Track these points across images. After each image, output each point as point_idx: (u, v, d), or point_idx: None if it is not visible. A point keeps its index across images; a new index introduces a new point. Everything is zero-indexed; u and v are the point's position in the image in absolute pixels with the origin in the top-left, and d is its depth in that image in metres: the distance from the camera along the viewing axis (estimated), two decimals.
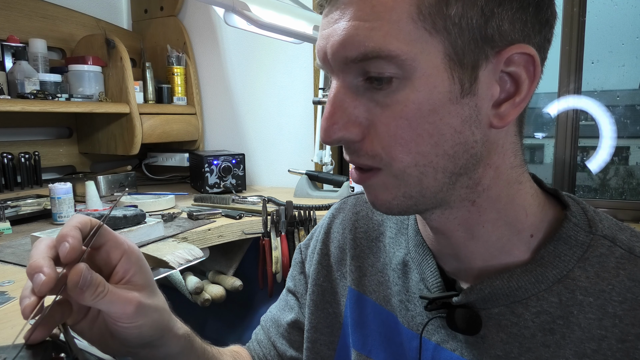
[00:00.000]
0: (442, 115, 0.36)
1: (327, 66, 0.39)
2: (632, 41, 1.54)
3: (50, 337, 0.40)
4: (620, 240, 0.40)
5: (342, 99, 0.38)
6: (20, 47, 1.46)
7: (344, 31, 0.36)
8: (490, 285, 0.41)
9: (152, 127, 1.72)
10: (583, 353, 0.38)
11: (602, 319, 0.38)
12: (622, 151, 1.70)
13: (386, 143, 0.37)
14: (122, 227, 1.01)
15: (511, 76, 0.38)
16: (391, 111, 0.36)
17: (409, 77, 0.35)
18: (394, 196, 0.39)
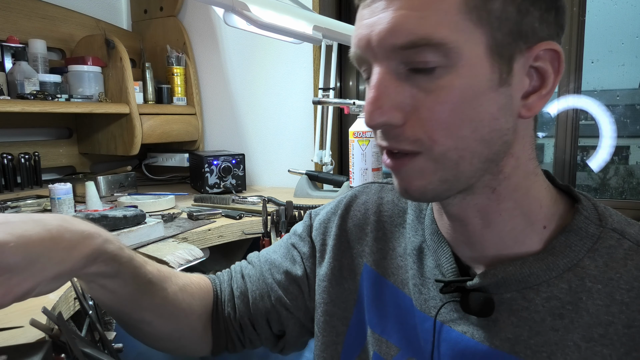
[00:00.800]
0: (482, 101, 0.39)
1: (370, 53, 0.40)
2: (632, 40, 1.53)
3: (50, 337, 0.40)
4: (628, 233, 0.42)
5: (386, 84, 0.39)
6: (20, 47, 1.46)
7: (394, 19, 0.37)
8: (504, 270, 0.43)
9: (152, 128, 1.72)
10: (590, 337, 0.39)
11: (610, 305, 0.40)
12: (622, 150, 1.70)
13: (429, 127, 0.39)
14: (122, 227, 1.01)
15: (538, 70, 0.41)
16: (435, 96, 0.38)
17: (454, 65, 0.38)
18: (429, 181, 0.41)
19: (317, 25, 1.19)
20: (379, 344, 0.54)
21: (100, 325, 0.74)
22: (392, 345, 0.52)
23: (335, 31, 1.25)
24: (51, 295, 0.74)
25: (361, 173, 1.30)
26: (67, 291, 0.77)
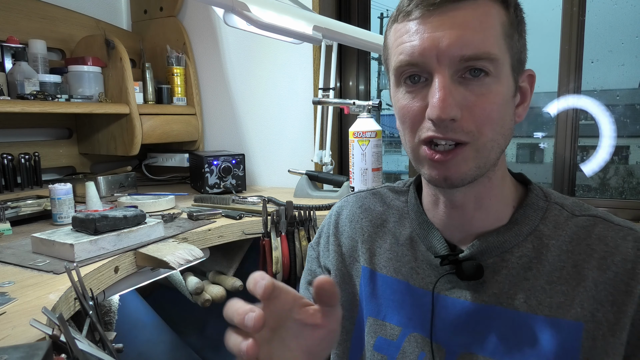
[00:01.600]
0: (509, 105, 0.53)
1: (432, 60, 0.50)
2: (632, 40, 1.53)
3: (50, 337, 0.40)
4: (566, 205, 0.58)
5: (449, 87, 0.49)
6: (20, 48, 1.46)
7: (463, 36, 0.49)
8: (486, 241, 0.56)
9: (152, 128, 1.72)
10: (551, 280, 0.53)
11: (560, 254, 0.54)
12: (622, 150, 1.70)
13: (480, 121, 0.50)
14: (122, 227, 1.01)
15: (522, 89, 0.56)
16: (486, 98, 0.50)
17: (498, 75, 0.50)
18: (469, 167, 0.52)
19: (317, 26, 1.19)
20: (382, 329, 0.63)
21: (100, 325, 0.74)
22: (394, 326, 0.62)
23: (335, 31, 1.25)
24: (51, 295, 0.75)
25: (361, 173, 1.30)
26: (68, 291, 0.77)
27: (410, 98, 0.53)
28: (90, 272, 0.86)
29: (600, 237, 0.54)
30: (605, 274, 0.52)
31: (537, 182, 0.62)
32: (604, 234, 0.54)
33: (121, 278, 0.97)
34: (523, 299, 0.54)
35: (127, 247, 1.00)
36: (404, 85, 0.53)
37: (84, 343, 0.43)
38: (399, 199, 0.69)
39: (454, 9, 0.49)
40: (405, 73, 0.52)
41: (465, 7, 0.49)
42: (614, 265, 0.52)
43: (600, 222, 0.55)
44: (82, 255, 0.91)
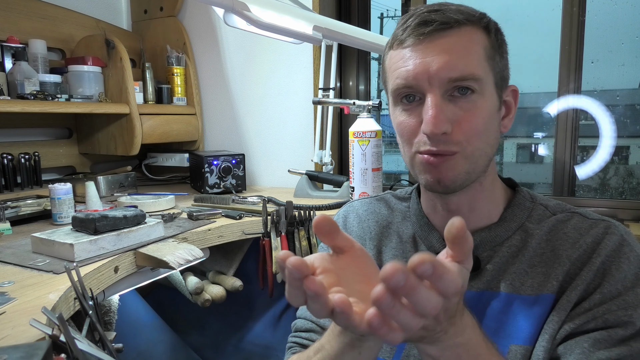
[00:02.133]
0: (494, 118, 0.60)
1: (424, 83, 0.57)
2: (632, 40, 1.53)
3: (50, 337, 0.40)
4: (549, 206, 0.66)
5: (441, 105, 0.56)
6: (20, 47, 1.46)
7: (450, 61, 0.56)
8: (479, 236, 0.64)
9: (152, 128, 1.72)
10: (533, 264, 0.61)
11: (541, 242, 0.62)
12: (622, 150, 1.70)
13: (468, 133, 0.57)
14: (122, 227, 1.01)
15: (506, 103, 0.64)
16: (473, 113, 0.57)
17: (483, 92, 0.58)
18: (459, 172, 0.58)
19: (317, 26, 1.19)
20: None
21: (100, 325, 0.74)
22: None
23: (335, 31, 1.25)
24: (51, 295, 0.75)
25: (361, 173, 1.30)
26: (67, 291, 0.77)
27: (407, 115, 0.60)
28: (90, 272, 0.86)
29: (576, 227, 0.61)
30: (577, 252, 0.59)
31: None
32: (579, 225, 0.62)
33: (121, 278, 0.97)
34: (509, 281, 0.61)
35: (127, 247, 1.00)
36: (401, 104, 0.61)
37: (84, 343, 0.43)
38: (401, 204, 0.76)
39: (441, 37, 0.57)
40: (402, 94, 0.59)
41: (451, 35, 0.57)
42: (585, 245, 0.59)
43: (577, 216, 0.63)
44: (82, 255, 0.91)
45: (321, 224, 0.44)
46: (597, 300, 0.55)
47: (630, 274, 0.56)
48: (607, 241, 0.58)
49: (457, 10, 0.58)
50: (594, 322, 0.54)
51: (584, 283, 0.56)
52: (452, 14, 0.57)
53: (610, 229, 0.60)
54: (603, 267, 0.56)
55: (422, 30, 0.57)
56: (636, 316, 0.54)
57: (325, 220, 0.44)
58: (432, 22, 0.57)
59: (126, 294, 1.17)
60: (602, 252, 0.57)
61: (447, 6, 0.59)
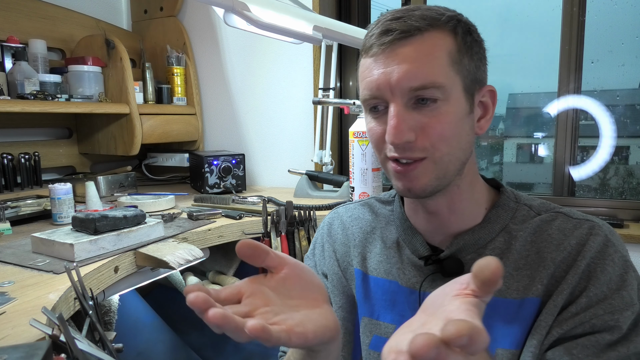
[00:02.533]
0: (462, 123, 0.59)
1: (387, 93, 0.57)
2: (632, 40, 1.53)
3: (50, 337, 0.40)
4: (534, 206, 0.65)
5: (403, 114, 0.56)
6: (20, 47, 1.46)
7: (409, 70, 0.55)
8: (463, 239, 0.63)
9: (152, 128, 1.72)
10: (518, 267, 0.60)
11: (525, 244, 0.61)
12: (622, 151, 1.70)
13: (434, 139, 0.57)
14: (122, 227, 1.01)
15: (484, 104, 0.63)
16: (437, 119, 0.57)
17: (447, 99, 0.57)
18: (429, 179, 0.58)
19: (317, 26, 1.19)
20: (377, 328, 0.68)
21: (100, 325, 0.74)
22: (388, 325, 0.68)
23: (335, 31, 1.25)
24: (51, 295, 0.75)
25: (361, 173, 1.30)
26: (67, 291, 0.77)
27: (375, 122, 0.61)
28: (90, 272, 0.86)
29: (560, 228, 0.61)
30: (562, 254, 0.58)
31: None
32: (563, 225, 0.61)
33: (121, 278, 0.97)
34: None
35: (127, 247, 1.00)
36: (370, 113, 0.61)
37: (84, 343, 0.43)
38: (385, 207, 0.76)
39: (402, 46, 0.56)
40: (370, 104, 0.60)
41: (412, 43, 0.56)
42: (569, 247, 0.58)
43: (561, 216, 0.63)
44: (82, 255, 0.91)
45: (242, 249, 0.44)
46: (583, 304, 0.55)
47: (615, 276, 0.56)
48: (591, 243, 0.58)
49: (420, 17, 0.57)
50: (581, 327, 0.54)
51: (569, 287, 0.56)
52: (414, 21, 0.56)
53: (594, 229, 0.59)
54: (588, 270, 0.56)
55: (384, 40, 0.57)
56: (622, 320, 0.53)
57: (246, 245, 0.44)
58: (393, 30, 0.56)
59: (126, 294, 1.17)
60: (587, 254, 0.57)
61: (411, 12, 0.58)
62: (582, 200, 1.53)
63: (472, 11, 0.69)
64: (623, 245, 0.59)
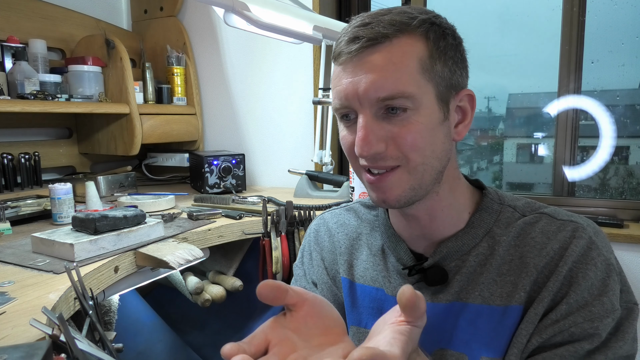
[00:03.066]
0: (436, 131, 0.57)
1: (355, 103, 0.55)
2: (632, 41, 1.53)
3: (50, 337, 0.40)
4: (518, 207, 0.63)
5: (371, 125, 0.55)
6: (20, 47, 1.46)
7: (376, 80, 0.54)
8: (446, 247, 0.62)
9: (152, 128, 1.72)
10: (501, 272, 0.59)
11: (509, 249, 0.60)
12: (622, 151, 1.70)
13: (404, 149, 0.55)
14: (122, 227, 1.01)
15: (462, 108, 0.60)
16: (407, 129, 0.55)
17: (417, 108, 0.55)
18: (403, 189, 0.57)
19: (317, 26, 1.19)
20: (364, 336, 0.65)
21: (100, 325, 0.74)
22: None
23: (335, 31, 1.25)
24: (51, 295, 0.75)
25: None
26: (68, 291, 0.77)
27: (347, 132, 0.59)
28: (90, 271, 0.86)
29: (543, 231, 0.59)
30: (544, 259, 0.57)
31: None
32: (547, 228, 0.59)
33: (121, 278, 0.97)
34: (478, 292, 0.60)
35: (127, 247, 1.00)
36: (342, 121, 0.60)
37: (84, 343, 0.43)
38: (370, 213, 0.75)
39: (370, 54, 0.54)
40: (340, 112, 0.59)
41: (381, 50, 0.54)
42: (552, 251, 0.57)
43: (545, 217, 0.61)
44: (82, 255, 0.91)
45: (264, 292, 0.41)
46: (563, 310, 0.54)
47: (597, 281, 0.54)
48: (573, 247, 0.56)
49: (389, 22, 0.54)
50: (560, 336, 0.54)
51: (551, 294, 0.55)
52: (382, 28, 0.54)
53: (577, 231, 0.57)
54: (570, 275, 0.55)
55: (351, 48, 0.55)
56: (602, 327, 0.53)
57: (267, 288, 0.41)
58: (360, 38, 0.54)
59: (126, 293, 1.17)
60: (569, 259, 0.56)
61: (378, 18, 0.55)
62: (582, 201, 1.53)
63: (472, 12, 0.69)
64: (608, 247, 0.58)
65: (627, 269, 1.37)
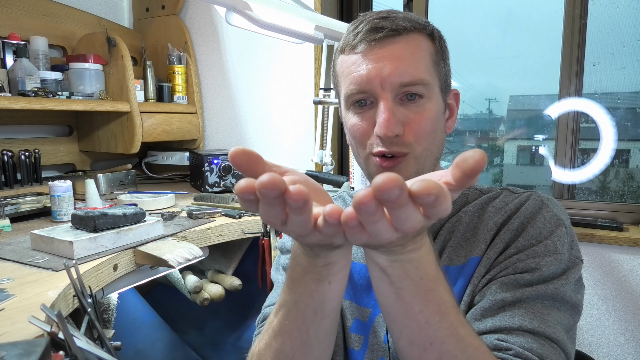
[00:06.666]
0: (440, 121, 0.64)
1: (377, 87, 0.59)
2: (634, 44, 1.53)
3: (49, 334, 0.40)
4: (483, 189, 0.70)
5: (392, 109, 0.59)
6: (21, 44, 1.46)
7: (400, 66, 0.59)
8: None
9: (152, 126, 1.72)
10: (466, 237, 0.65)
11: (472, 218, 0.66)
12: (622, 154, 1.70)
13: (418, 135, 0.60)
14: (122, 225, 1.01)
15: (450, 106, 0.68)
16: (421, 115, 0.61)
17: (430, 96, 0.61)
18: (410, 173, 0.61)
19: (319, 26, 1.19)
20: (357, 311, 0.69)
21: (98, 323, 0.74)
22: (365, 309, 0.69)
23: (336, 31, 1.25)
24: (50, 292, 0.75)
25: (361, 173, 1.30)
26: (66, 289, 0.77)
27: (359, 118, 0.62)
28: (89, 269, 0.86)
29: (503, 200, 0.67)
30: (503, 217, 0.63)
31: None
32: (506, 198, 0.67)
33: (120, 276, 0.97)
34: (446, 255, 0.65)
35: (126, 245, 1.00)
36: (353, 109, 0.63)
37: (82, 340, 0.43)
38: None
39: (391, 44, 0.60)
40: (355, 99, 0.62)
41: (400, 41, 0.60)
42: (509, 210, 0.64)
43: (505, 191, 0.69)
44: (81, 252, 0.91)
45: (237, 158, 0.37)
46: (511, 253, 0.60)
47: (545, 230, 0.60)
48: (527, 205, 0.63)
49: (404, 18, 0.61)
50: (505, 271, 0.59)
51: (503, 241, 0.61)
52: (401, 22, 0.60)
53: (532, 196, 0.65)
54: (522, 227, 0.61)
55: (374, 37, 0.59)
56: (543, 263, 0.57)
57: (240, 153, 0.37)
58: (383, 28, 0.59)
59: (125, 292, 1.17)
60: (522, 214, 0.62)
61: (395, 14, 0.62)
62: (582, 203, 1.53)
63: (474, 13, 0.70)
64: (561, 209, 0.64)
65: (626, 272, 1.37)
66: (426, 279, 0.43)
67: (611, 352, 1.40)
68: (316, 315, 0.49)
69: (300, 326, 0.49)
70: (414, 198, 0.32)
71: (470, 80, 2.01)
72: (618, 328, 1.39)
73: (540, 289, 0.56)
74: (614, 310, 1.39)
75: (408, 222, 0.34)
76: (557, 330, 0.54)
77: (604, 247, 1.37)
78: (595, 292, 1.40)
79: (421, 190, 0.32)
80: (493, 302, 0.56)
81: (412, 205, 0.33)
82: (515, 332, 0.53)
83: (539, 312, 0.54)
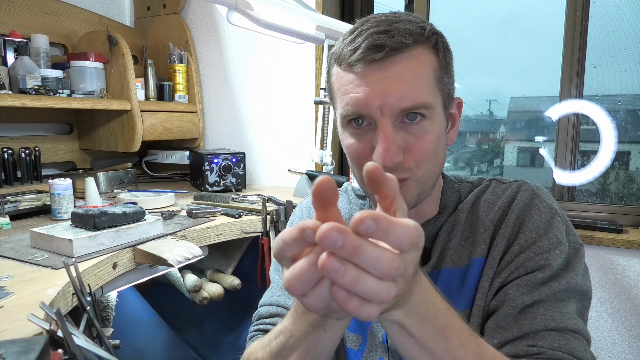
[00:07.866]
0: (442, 140, 0.61)
1: (376, 112, 0.56)
2: (635, 46, 1.53)
3: (48, 332, 0.40)
4: (474, 181, 0.71)
5: (392, 135, 0.56)
6: (22, 42, 1.46)
7: (401, 90, 0.55)
8: (426, 229, 0.66)
9: (152, 125, 1.72)
10: (465, 236, 0.65)
11: (467, 215, 0.66)
12: (622, 156, 1.70)
13: (419, 159, 0.58)
14: (122, 224, 1.01)
15: (452, 115, 0.65)
16: (423, 139, 0.58)
17: (432, 118, 0.58)
18: (412, 195, 0.60)
19: (320, 25, 1.19)
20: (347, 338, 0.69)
21: (97, 321, 0.74)
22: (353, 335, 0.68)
23: (337, 31, 1.25)
24: (49, 290, 0.75)
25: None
26: (66, 287, 0.77)
27: (357, 139, 0.59)
28: (88, 267, 0.86)
29: (493, 192, 0.67)
30: (497, 213, 0.64)
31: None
32: (496, 190, 0.67)
33: (119, 274, 0.97)
34: (449, 257, 0.65)
35: (125, 244, 0.99)
36: (350, 127, 0.60)
37: (81, 339, 0.43)
38: (359, 201, 0.78)
39: (391, 64, 0.55)
40: (351, 118, 0.58)
41: (401, 61, 0.55)
42: (503, 205, 0.64)
43: (494, 182, 0.69)
44: (80, 250, 0.91)
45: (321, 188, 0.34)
46: (516, 251, 0.60)
47: (542, 222, 0.61)
48: (519, 197, 0.63)
49: (406, 30, 0.55)
50: (516, 272, 0.59)
51: (504, 239, 0.61)
52: (402, 37, 0.55)
53: (522, 187, 0.65)
54: (518, 222, 0.62)
55: (372, 57, 0.54)
56: (551, 258, 0.58)
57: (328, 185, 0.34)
58: (383, 47, 0.54)
59: (124, 290, 1.17)
60: (516, 207, 0.63)
61: (396, 24, 0.56)
62: (582, 205, 1.53)
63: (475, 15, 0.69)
64: (550, 197, 0.65)
65: (626, 275, 1.37)
66: (440, 315, 0.44)
67: (610, 355, 1.40)
68: (308, 354, 0.51)
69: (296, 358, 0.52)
70: (361, 233, 0.31)
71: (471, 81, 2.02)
72: (617, 330, 1.39)
73: (555, 286, 0.57)
74: (613, 313, 1.39)
75: (381, 264, 0.31)
76: (576, 320, 0.56)
77: (603, 250, 1.37)
78: (595, 294, 1.39)
79: (356, 222, 0.30)
80: (513, 308, 0.57)
81: (370, 244, 0.31)
82: (541, 332, 0.55)
83: (557, 308, 0.56)
